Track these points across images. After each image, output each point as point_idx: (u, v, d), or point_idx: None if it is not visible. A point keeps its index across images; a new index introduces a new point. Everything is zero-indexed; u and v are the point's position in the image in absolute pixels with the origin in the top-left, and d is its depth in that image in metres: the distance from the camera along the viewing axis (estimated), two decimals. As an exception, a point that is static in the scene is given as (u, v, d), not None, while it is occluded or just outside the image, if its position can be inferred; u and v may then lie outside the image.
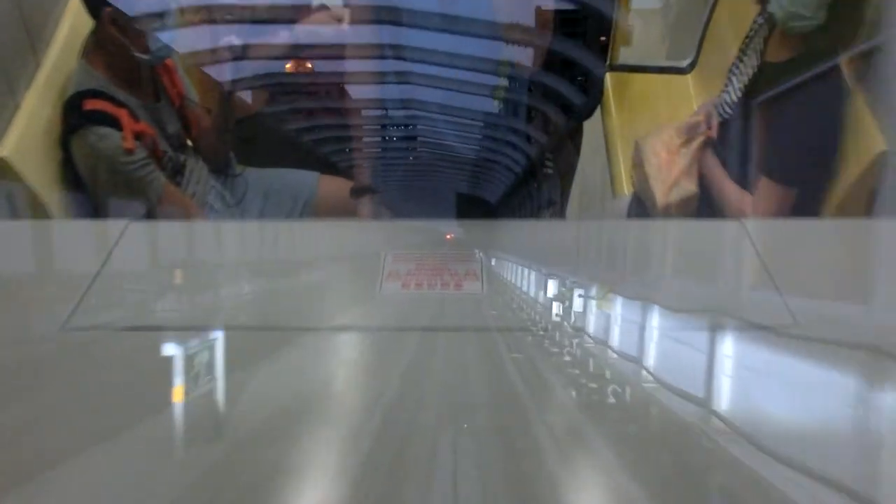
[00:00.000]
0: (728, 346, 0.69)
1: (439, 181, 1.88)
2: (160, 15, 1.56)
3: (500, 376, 0.63)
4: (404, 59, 1.61)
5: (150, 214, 1.49)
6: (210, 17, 1.70)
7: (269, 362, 0.64)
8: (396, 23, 1.57)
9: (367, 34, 1.66)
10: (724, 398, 0.59)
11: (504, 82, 1.65)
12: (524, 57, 1.62)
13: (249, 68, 1.79)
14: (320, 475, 0.46)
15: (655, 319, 0.76)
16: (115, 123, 1.45)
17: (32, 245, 0.89)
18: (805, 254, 0.84)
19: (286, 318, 0.77)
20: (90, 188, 1.48)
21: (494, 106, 1.80)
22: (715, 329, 0.73)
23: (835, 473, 0.44)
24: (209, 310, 0.79)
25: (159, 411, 0.54)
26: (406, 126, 1.80)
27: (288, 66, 1.76)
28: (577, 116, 1.97)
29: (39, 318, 0.73)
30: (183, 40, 1.67)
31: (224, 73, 1.76)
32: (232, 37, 1.71)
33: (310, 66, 1.78)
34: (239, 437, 0.49)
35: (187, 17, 1.65)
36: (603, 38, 1.93)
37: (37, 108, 1.44)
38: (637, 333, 0.73)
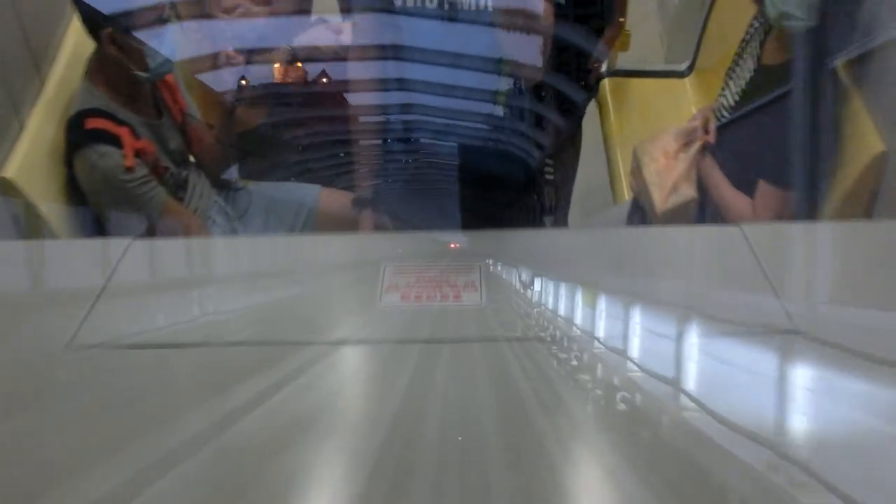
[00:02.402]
0: (729, 351, 0.70)
1: (441, 191, 1.89)
2: (159, 35, 1.57)
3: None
4: (408, 91, 1.61)
5: (152, 231, 1.51)
6: (209, 33, 1.71)
7: (273, 377, 0.64)
8: (399, 58, 1.57)
9: (368, 44, 1.67)
10: (727, 401, 0.59)
11: (507, 86, 1.63)
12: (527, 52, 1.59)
13: (249, 83, 1.80)
14: (325, 488, 0.47)
15: (660, 323, 0.77)
16: (115, 142, 1.46)
17: (37, 264, 0.90)
18: (804, 257, 0.84)
19: (289, 332, 0.78)
20: (93, 206, 1.49)
21: (497, 112, 1.78)
22: (717, 333, 0.73)
23: (844, 480, 0.44)
24: (213, 326, 0.80)
25: (165, 426, 0.54)
26: (408, 140, 1.80)
27: (276, 67, 1.76)
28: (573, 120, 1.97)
29: (44, 337, 0.73)
30: (182, 56, 1.68)
31: (224, 88, 1.77)
32: (231, 50, 1.72)
33: (299, 64, 1.77)
34: (243, 450, 0.50)
35: (186, 35, 1.66)
36: (622, 19, 1.91)
37: (41, 127, 1.45)
38: (641, 337, 0.74)
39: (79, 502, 0.43)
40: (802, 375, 0.65)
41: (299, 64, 1.75)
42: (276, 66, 1.74)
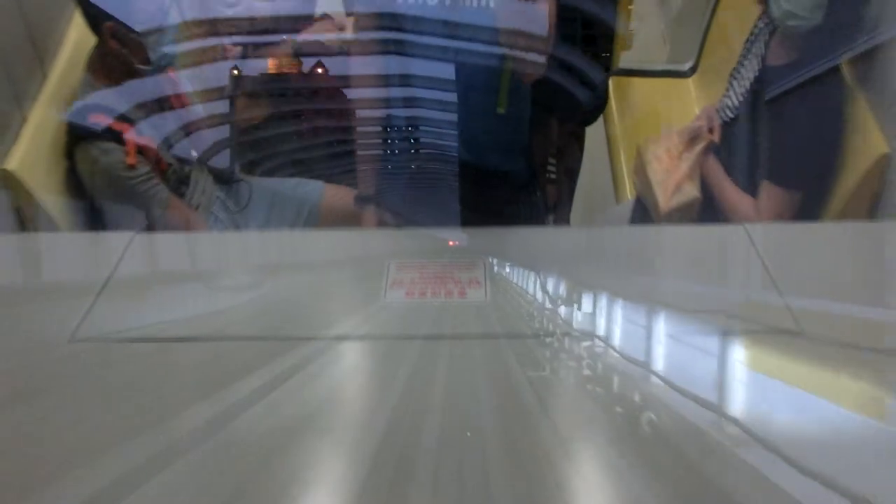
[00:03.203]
0: (734, 350, 0.70)
1: (443, 187, 1.88)
2: (161, 27, 1.57)
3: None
4: (411, 86, 1.61)
5: (154, 227, 1.51)
6: (212, 29, 1.71)
7: (276, 371, 0.64)
8: (401, 52, 1.57)
9: (371, 37, 1.66)
10: (735, 402, 0.59)
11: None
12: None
13: (251, 78, 1.79)
14: (326, 481, 0.47)
15: (663, 323, 0.76)
16: (118, 138, 1.46)
17: (40, 258, 0.90)
18: (808, 257, 0.84)
19: (293, 327, 0.78)
20: (95, 199, 1.49)
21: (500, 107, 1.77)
22: (721, 333, 0.73)
23: (845, 478, 0.44)
24: (216, 320, 0.80)
25: (168, 419, 0.54)
26: (410, 135, 1.80)
27: (270, 62, 1.75)
28: (582, 120, 1.96)
29: (48, 330, 0.73)
30: (183, 51, 1.68)
31: (226, 83, 1.77)
32: (230, 45, 1.72)
33: (295, 63, 1.77)
34: (246, 443, 0.50)
35: (189, 30, 1.66)
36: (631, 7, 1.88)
37: (43, 120, 1.45)
38: (645, 337, 0.74)
39: (81, 493, 0.43)
40: (804, 375, 0.65)
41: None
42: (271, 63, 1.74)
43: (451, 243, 0.97)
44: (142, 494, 0.42)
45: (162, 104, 1.64)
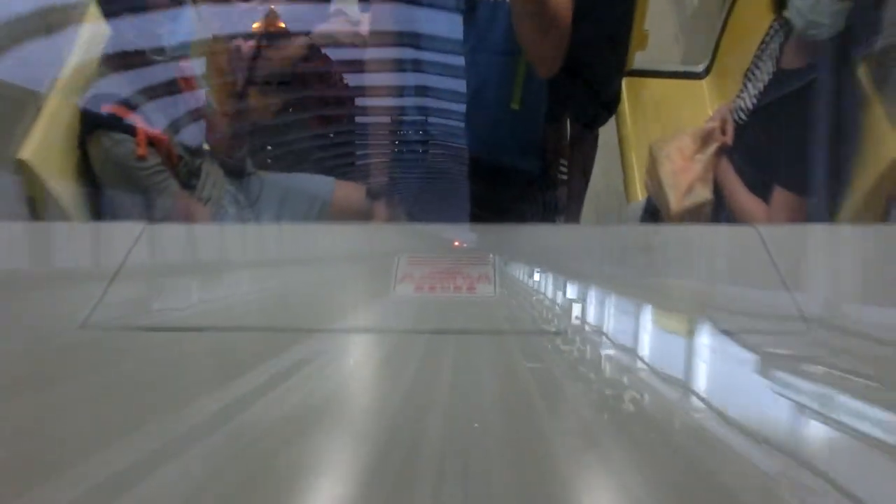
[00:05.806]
0: (742, 352, 0.69)
1: (454, 182, 1.88)
2: (176, 21, 1.58)
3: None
4: (424, 82, 1.61)
5: (164, 218, 1.52)
6: (227, 20, 1.71)
7: (284, 363, 0.64)
8: (415, 47, 1.57)
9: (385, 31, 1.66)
10: (740, 400, 0.58)
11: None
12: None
13: (264, 72, 1.80)
14: (332, 475, 0.47)
15: (669, 323, 0.76)
16: (130, 129, 1.47)
17: (51, 246, 0.91)
18: (820, 259, 0.84)
19: (302, 319, 0.78)
20: (107, 189, 1.51)
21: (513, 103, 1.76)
22: (728, 333, 0.72)
23: (846, 476, 0.44)
24: (226, 311, 0.80)
25: (176, 409, 0.54)
26: (421, 124, 1.80)
27: (256, 25, 1.75)
28: (594, 121, 1.95)
29: (59, 317, 0.74)
30: (198, 43, 1.69)
31: (239, 76, 1.77)
32: (242, 41, 1.73)
33: (282, 25, 1.76)
34: (253, 435, 0.50)
35: (203, 22, 1.67)
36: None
37: (58, 110, 1.46)
38: (650, 334, 0.74)
39: (89, 483, 0.43)
40: (815, 378, 0.64)
41: (281, 24, 1.75)
42: (256, 25, 1.73)
43: (455, 244, 0.96)
44: (153, 480, 0.42)
45: (175, 96, 1.64)
